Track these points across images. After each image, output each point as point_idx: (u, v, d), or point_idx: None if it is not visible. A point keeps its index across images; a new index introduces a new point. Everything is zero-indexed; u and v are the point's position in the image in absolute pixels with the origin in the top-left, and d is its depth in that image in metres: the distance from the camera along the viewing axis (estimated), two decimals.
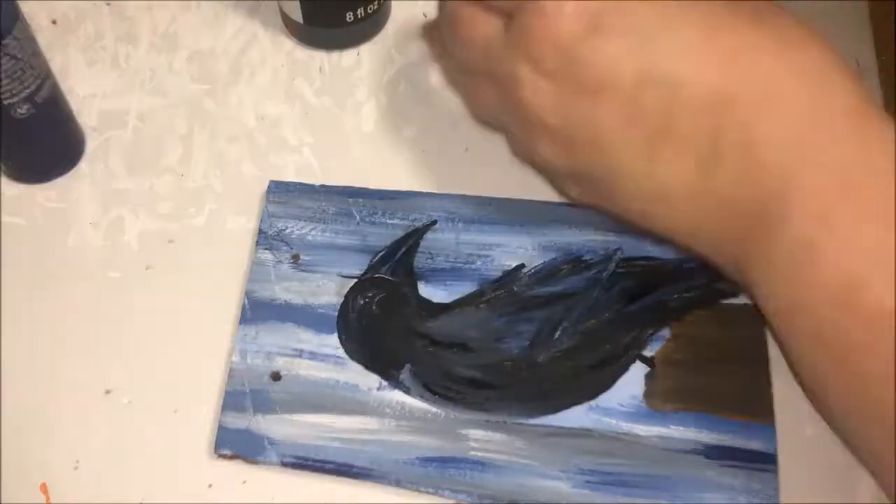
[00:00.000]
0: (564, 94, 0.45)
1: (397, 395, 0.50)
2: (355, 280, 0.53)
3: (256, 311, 0.53)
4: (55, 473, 0.50)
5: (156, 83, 0.63)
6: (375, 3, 0.61)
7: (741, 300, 0.52)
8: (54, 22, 0.66)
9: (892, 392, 0.39)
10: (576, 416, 0.49)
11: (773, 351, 0.51)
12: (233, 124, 0.61)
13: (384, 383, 0.51)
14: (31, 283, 0.56)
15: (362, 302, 0.53)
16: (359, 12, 0.61)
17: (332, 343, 0.52)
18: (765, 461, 0.48)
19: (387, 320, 0.52)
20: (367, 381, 0.51)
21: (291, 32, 0.65)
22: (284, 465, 0.49)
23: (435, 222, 0.55)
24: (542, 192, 0.57)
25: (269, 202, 0.56)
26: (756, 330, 0.51)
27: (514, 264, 0.54)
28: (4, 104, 0.53)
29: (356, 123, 0.61)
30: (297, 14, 0.61)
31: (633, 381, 0.50)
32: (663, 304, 0.52)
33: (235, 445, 0.49)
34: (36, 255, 0.57)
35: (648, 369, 0.51)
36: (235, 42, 0.65)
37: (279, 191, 0.56)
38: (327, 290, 0.53)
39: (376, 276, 0.53)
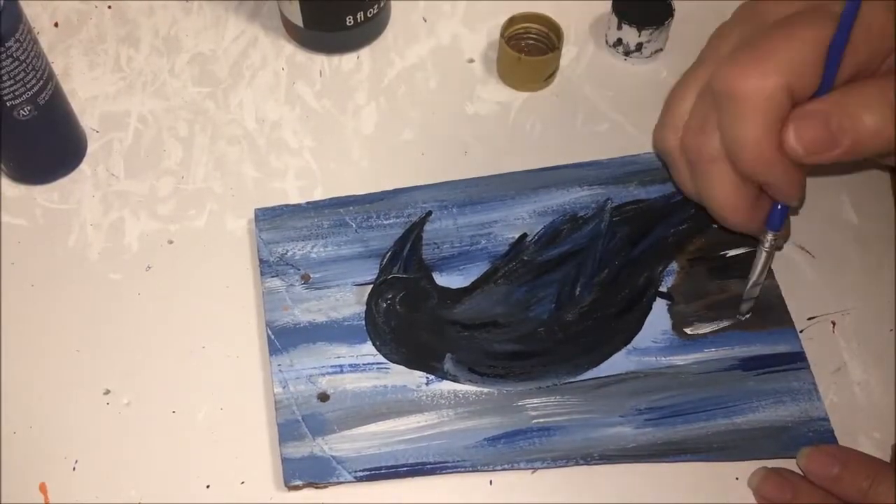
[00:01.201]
0: None
1: (447, 386, 0.51)
2: (371, 285, 0.54)
3: (283, 338, 0.52)
4: (54, 473, 0.50)
5: (157, 86, 0.63)
6: (375, 7, 0.61)
7: None
8: (56, 25, 0.65)
9: None
10: (618, 363, 0.52)
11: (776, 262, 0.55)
12: (233, 127, 0.61)
13: (431, 377, 0.51)
14: (31, 283, 0.55)
15: (385, 305, 0.53)
16: (359, 16, 0.61)
17: (368, 351, 0.52)
18: (795, 360, 0.52)
19: (414, 316, 0.53)
20: (413, 379, 0.51)
21: (292, 36, 0.64)
22: (358, 479, 0.49)
23: (430, 213, 0.56)
24: None
25: (261, 230, 0.55)
26: (751, 244, 0.55)
27: (516, 235, 0.56)
28: (7, 105, 0.52)
29: (356, 126, 0.61)
30: (297, 17, 0.61)
31: (659, 317, 0.53)
32: (663, 241, 0.55)
33: (304, 473, 0.49)
34: (37, 255, 0.56)
35: (669, 303, 0.54)
36: (236, 45, 0.65)
37: (267, 217, 0.56)
38: (347, 302, 0.53)
39: (390, 276, 0.54)
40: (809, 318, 0.54)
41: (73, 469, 0.50)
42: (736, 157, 0.46)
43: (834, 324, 0.54)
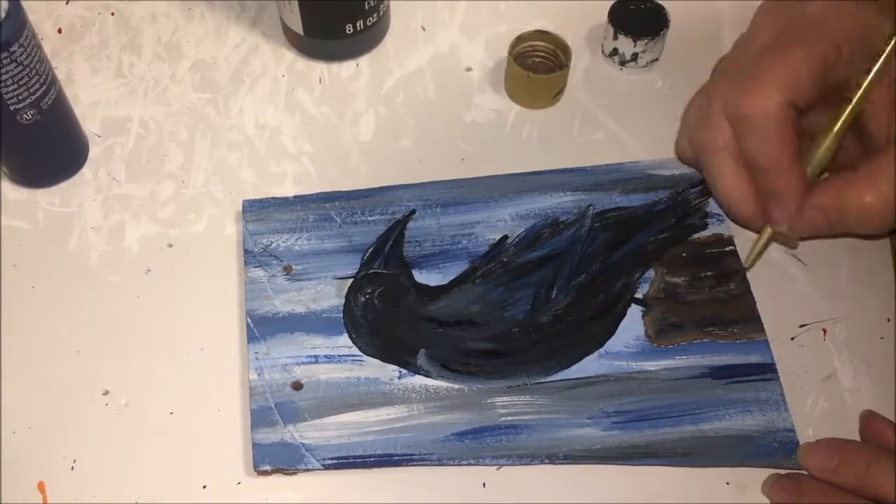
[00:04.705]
0: None
1: (419, 380, 0.52)
2: (352, 279, 0.55)
3: (262, 327, 0.53)
4: (53, 473, 0.51)
5: (158, 92, 0.64)
6: (375, 15, 0.63)
7: (709, 232, 0.56)
8: (60, 31, 0.67)
9: None
10: (589, 366, 0.52)
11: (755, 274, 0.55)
12: (233, 133, 0.63)
13: (404, 372, 0.52)
14: (32, 285, 0.56)
15: (363, 299, 0.54)
16: (358, 24, 0.62)
17: (344, 343, 0.53)
18: (765, 371, 0.52)
19: (391, 311, 0.54)
20: (386, 372, 0.52)
21: (292, 43, 0.66)
22: (326, 467, 0.50)
23: (414, 212, 0.57)
24: None
25: (247, 221, 0.57)
26: (729, 256, 0.55)
27: (497, 237, 0.56)
28: (10, 109, 0.53)
29: (354, 133, 0.62)
30: (297, 25, 0.62)
31: (633, 323, 0.54)
32: (642, 248, 0.56)
33: (273, 459, 0.50)
34: (38, 257, 0.57)
35: (644, 310, 0.54)
36: (237, 52, 0.66)
37: (254, 208, 0.57)
38: (327, 295, 0.55)
39: (371, 271, 0.55)
40: (801, 326, 0.54)
41: (72, 469, 0.51)
42: (757, 168, 0.52)
43: (825, 331, 0.54)
